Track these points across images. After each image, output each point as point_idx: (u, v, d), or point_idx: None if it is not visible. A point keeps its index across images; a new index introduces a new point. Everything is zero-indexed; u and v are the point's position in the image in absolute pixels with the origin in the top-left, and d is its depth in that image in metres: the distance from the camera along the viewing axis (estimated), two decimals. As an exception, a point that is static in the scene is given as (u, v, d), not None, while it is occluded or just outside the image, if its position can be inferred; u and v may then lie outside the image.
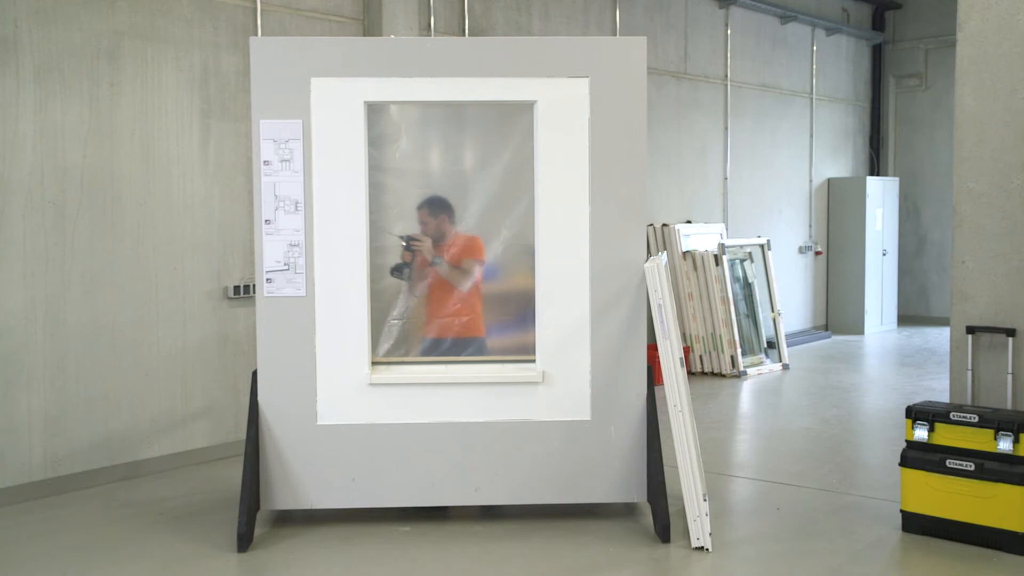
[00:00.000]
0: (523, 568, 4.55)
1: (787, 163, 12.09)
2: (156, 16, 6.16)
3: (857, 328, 12.63)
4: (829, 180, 12.90)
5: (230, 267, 6.56)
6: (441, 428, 5.05)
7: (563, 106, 5.02)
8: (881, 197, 12.89)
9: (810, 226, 12.60)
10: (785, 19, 11.72)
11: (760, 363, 9.99)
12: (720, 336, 9.64)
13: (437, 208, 5.50)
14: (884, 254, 12.94)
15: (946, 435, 4.82)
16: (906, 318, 13.54)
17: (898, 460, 4.98)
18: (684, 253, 9.85)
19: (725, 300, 9.67)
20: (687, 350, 9.67)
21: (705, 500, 4.74)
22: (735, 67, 11.06)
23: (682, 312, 9.74)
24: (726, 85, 10.96)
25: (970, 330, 5.05)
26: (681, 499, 4.84)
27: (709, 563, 4.59)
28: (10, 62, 5.52)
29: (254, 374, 5.04)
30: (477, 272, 5.49)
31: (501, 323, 5.93)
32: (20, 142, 5.57)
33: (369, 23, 7.31)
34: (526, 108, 5.07)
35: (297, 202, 4.98)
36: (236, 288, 6.55)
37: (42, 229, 5.66)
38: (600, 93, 5.01)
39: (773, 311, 10.36)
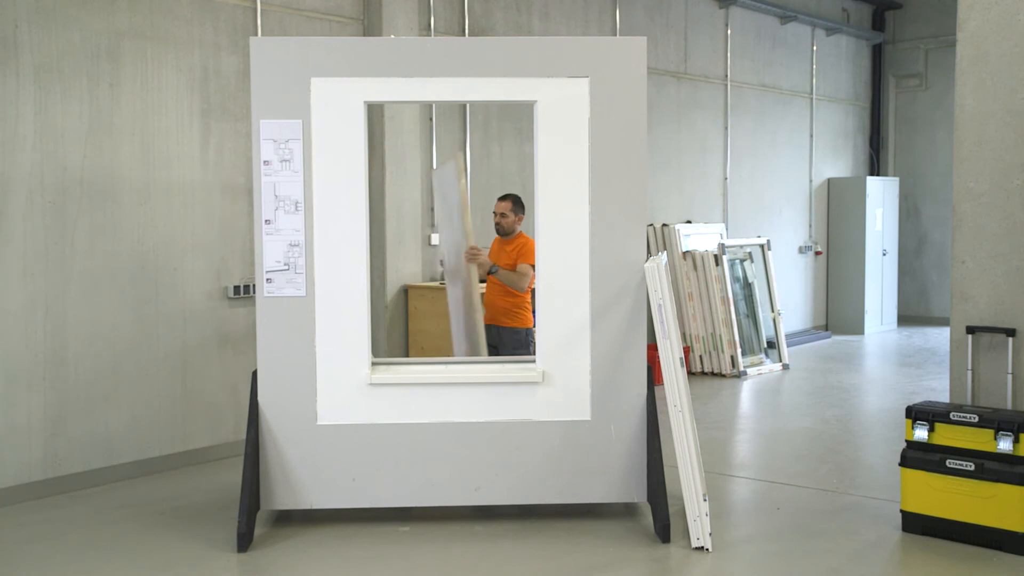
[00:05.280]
0: (523, 568, 4.55)
1: (787, 163, 12.09)
2: (156, 16, 6.16)
3: (857, 328, 12.63)
4: (829, 180, 12.90)
5: (230, 267, 6.56)
6: (441, 428, 5.05)
7: (563, 106, 5.02)
8: (881, 197, 12.89)
9: (810, 226, 12.60)
10: (785, 19, 11.72)
11: (760, 363, 9.98)
12: (720, 336, 9.64)
13: (518, 206, 6.39)
14: (884, 254, 12.94)
15: (946, 435, 4.82)
16: (906, 318, 13.54)
17: (898, 460, 4.98)
18: (684, 253, 9.85)
19: (725, 300, 9.67)
20: (687, 350, 9.67)
21: (705, 500, 4.74)
22: (735, 67, 11.06)
23: (682, 312, 9.75)
24: (726, 85, 10.96)
25: (970, 330, 5.05)
26: (681, 499, 4.84)
27: (709, 563, 4.59)
28: (10, 62, 5.52)
29: (254, 374, 5.04)
30: (531, 275, 5.98)
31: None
32: (20, 142, 5.57)
33: (369, 23, 7.32)
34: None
35: (297, 202, 4.98)
36: (236, 288, 6.55)
37: (42, 229, 5.66)
38: (600, 93, 5.01)
39: (773, 311, 10.36)
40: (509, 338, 6.34)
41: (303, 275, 4.99)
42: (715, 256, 9.76)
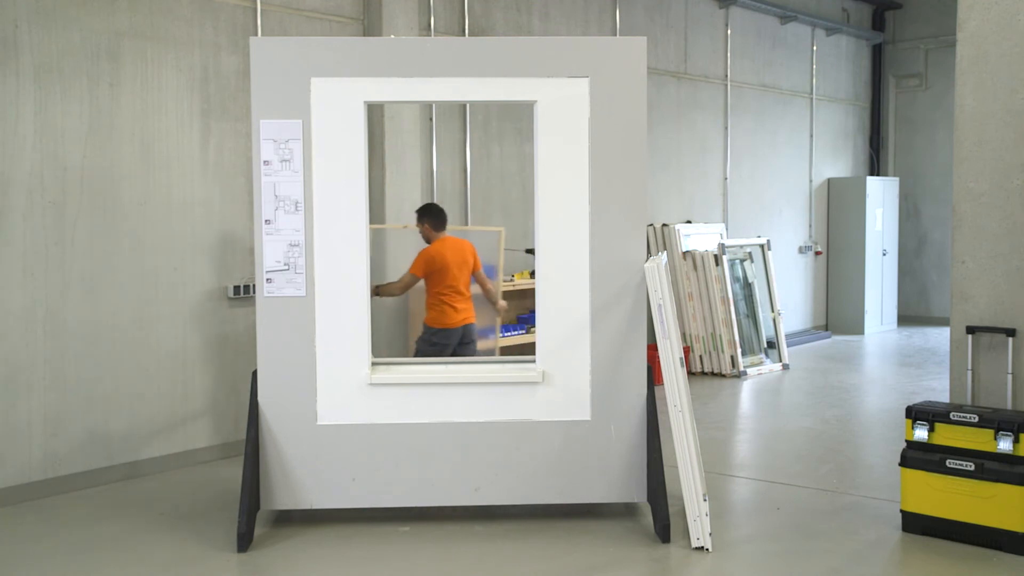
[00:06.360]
0: (523, 568, 4.55)
1: (787, 163, 12.09)
2: (156, 16, 6.16)
3: (857, 328, 12.63)
4: (829, 180, 12.90)
5: (230, 267, 6.56)
6: (441, 428, 5.05)
7: (563, 106, 5.02)
8: (881, 197, 12.89)
9: (810, 226, 12.60)
10: (785, 19, 11.72)
11: (760, 363, 9.98)
12: (720, 336, 9.64)
13: (421, 216, 6.78)
14: (884, 254, 12.94)
15: (946, 435, 4.82)
16: (906, 318, 13.54)
17: (898, 460, 4.98)
18: (684, 253, 9.85)
19: (725, 300, 9.67)
20: (687, 350, 9.67)
21: (705, 500, 4.74)
22: (735, 67, 11.06)
23: (682, 312, 9.75)
24: (726, 85, 10.96)
25: (970, 330, 5.05)
26: (681, 499, 4.84)
27: (709, 563, 4.59)
28: (10, 62, 5.52)
29: (254, 374, 5.04)
30: (408, 282, 6.70)
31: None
32: (20, 142, 5.57)
33: (369, 23, 7.32)
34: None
35: (297, 202, 4.98)
36: (236, 288, 6.55)
37: (42, 229, 5.66)
38: (600, 93, 5.01)
39: (773, 311, 10.36)
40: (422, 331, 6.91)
41: (303, 275, 4.99)
42: (715, 256, 9.76)
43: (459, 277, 6.71)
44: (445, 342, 6.74)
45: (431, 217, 6.75)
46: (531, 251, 6.06)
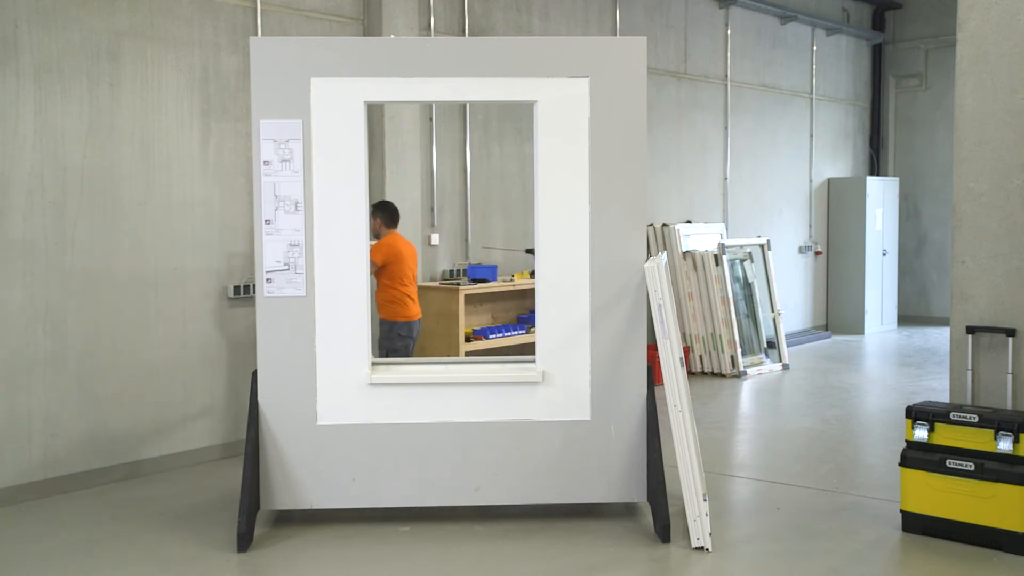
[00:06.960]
0: (523, 568, 4.55)
1: (787, 163, 12.09)
2: (156, 16, 6.16)
3: (857, 328, 12.63)
4: (829, 180, 12.90)
5: (230, 267, 6.56)
6: (441, 428, 5.05)
7: (563, 106, 5.02)
8: (881, 197, 12.89)
9: (810, 226, 12.60)
10: (785, 19, 11.72)
11: (760, 363, 9.98)
12: (720, 336, 9.64)
13: (375, 211, 6.74)
14: (884, 254, 12.94)
15: (946, 435, 4.82)
16: (906, 318, 13.54)
17: (898, 460, 4.98)
18: (684, 253, 9.85)
19: (725, 300, 9.67)
20: (687, 350, 9.67)
21: (705, 500, 4.74)
22: (735, 67, 11.06)
23: (682, 312, 9.75)
24: (726, 85, 10.96)
25: (970, 330, 5.05)
26: (681, 499, 4.84)
27: (709, 563, 4.59)
28: (10, 62, 5.52)
29: (254, 374, 5.04)
30: (371, 269, 6.25)
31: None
32: (20, 142, 5.57)
33: (369, 23, 7.32)
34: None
35: (297, 202, 4.98)
36: (236, 288, 6.55)
37: (42, 229, 5.66)
38: (600, 93, 5.01)
39: (773, 311, 10.36)
40: (381, 329, 6.83)
41: (303, 275, 4.99)
42: (715, 256, 9.76)
43: (413, 270, 6.83)
44: (410, 335, 6.79)
45: (386, 213, 6.79)
46: (531, 251, 6.05)
